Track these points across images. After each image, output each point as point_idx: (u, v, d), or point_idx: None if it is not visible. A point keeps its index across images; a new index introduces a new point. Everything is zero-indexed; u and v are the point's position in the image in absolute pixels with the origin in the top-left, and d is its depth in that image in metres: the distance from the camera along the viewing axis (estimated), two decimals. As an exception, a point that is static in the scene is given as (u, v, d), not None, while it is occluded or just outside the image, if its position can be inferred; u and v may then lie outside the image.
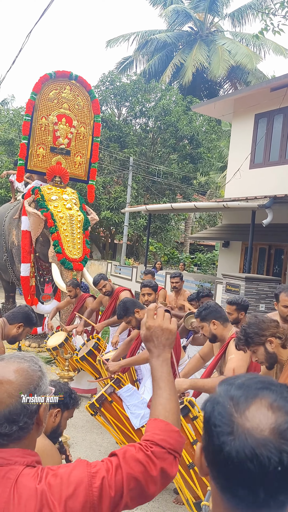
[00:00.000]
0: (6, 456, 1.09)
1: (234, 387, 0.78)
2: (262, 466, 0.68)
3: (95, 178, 7.99)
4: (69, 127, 7.51)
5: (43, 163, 7.44)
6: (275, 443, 0.69)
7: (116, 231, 20.33)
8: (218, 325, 3.14)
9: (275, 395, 0.75)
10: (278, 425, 0.71)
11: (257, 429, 0.71)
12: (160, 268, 13.24)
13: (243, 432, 0.71)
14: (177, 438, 1.15)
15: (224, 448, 0.72)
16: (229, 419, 0.74)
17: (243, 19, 25.21)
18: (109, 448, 4.43)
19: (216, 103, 11.82)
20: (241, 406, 0.74)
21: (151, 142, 20.74)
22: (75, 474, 1.06)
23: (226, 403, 0.76)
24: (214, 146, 21.32)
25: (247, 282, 7.76)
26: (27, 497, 1.02)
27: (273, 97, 10.01)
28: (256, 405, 0.74)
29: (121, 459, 1.09)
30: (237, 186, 11.07)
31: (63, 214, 6.61)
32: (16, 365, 1.16)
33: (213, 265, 20.44)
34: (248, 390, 0.76)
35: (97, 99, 7.81)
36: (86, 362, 5.15)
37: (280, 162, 10.31)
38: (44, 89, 7.39)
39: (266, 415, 0.72)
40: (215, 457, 0.73)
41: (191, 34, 25.95)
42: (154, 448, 1.10)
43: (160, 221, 19.85)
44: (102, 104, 20.13)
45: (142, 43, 25.51)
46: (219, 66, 22.84)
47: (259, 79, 23.06)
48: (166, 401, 1.20)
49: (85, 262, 6.57)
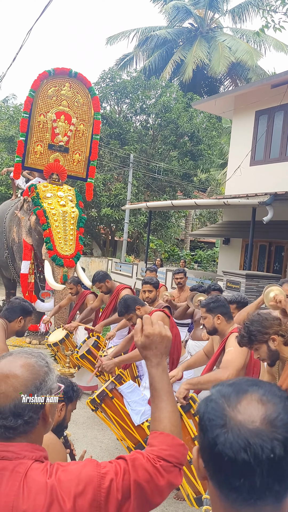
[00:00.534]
0: (16, 450, 1.10)
1: (225, 386, 0.82)
2: (255, 455, 0.71)
3: (94, 176, 7.91)
4: (68, 124, 7.45)
5: (40, 160, 7.41)
6: (267, 432, 0.73)
7: (116, 228, 20.33)
8: (222, 320, 3.15)
9: (263, 390, 0.79)
10: (268, 415, 0.74)
11: (249, 420, 0.74)
12: (161, 265, 13.25)
13: (236, 424, 0.75)
14: (183, 451, 1.18)
15: (218, 440, 0.75)
16: (221, 413, 0.77)
17: (244, 16, 25.13)
18: (110, 445, 4.46)
19: (217, 100, 11.81)
20: (233, 401, 0.78)
21: (151, 139, 20.71)
22: (85, 472, 1.07)
23: (219, 399, 0.79)
24: (215, 143, 21.30)
25: (247, 279, 7.78)
26: (36, 491, 1.03)
27: (273, 94, 10.00)
28: (247, 399, 0.78)
29: (130, 465, 1.11)
30: (237, 183, 11.07)
31: (55, 211, 6.57)
32: (23, 360, 1.18)
33: (214, 262, 20.45)
34: (238, 387, 0.81)
35: (97, 96, 7.74)
36: (86, 360, 5.17)
37: (280, 159, 10.30)
38: (43, 87, 7.34)
39: (257, 408, 0.76)
40: (211, 451, 0.76)
41: (191, 30, 25.87)
42: (162, 462, 1.13)
43: (160, 218, 19.85)
44: (103, 101, 20.09)
45: (142, 39, 25.44)
46: (220, 62, 22.78)
47: (260, 76, 23.00)
48: (170, 414, 1.22)
49: (77, 259, 6.53)
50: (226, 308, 3.22)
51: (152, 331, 1.29)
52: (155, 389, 1.26)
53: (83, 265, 15.82)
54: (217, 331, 3.19)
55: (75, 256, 6.53)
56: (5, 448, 1.10)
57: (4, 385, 1.13)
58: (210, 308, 3.19)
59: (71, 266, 6.44)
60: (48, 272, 6.62)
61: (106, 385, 3.68)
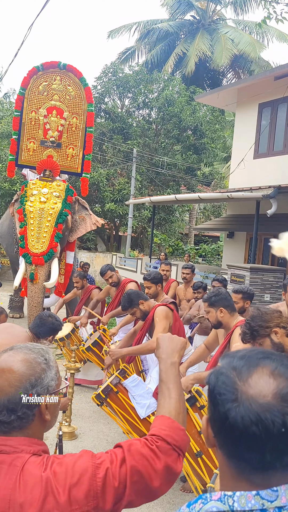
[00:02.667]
0: (13, 444, 1.12)
1: (236, 358, 0.82)
2: (267, 429, 0.72)
3: (89, 170, 7.61)
4: (60, 119, 7.29)
5: (33, 157, 7.28)
6: (278, 407, 0.73)
7: (120, 223, 20.33)
8: (225, 313, 3.16)
9: (275, 363, 0.79)
10: (280, 390, 0.75)
11: (260, 394, 0.75)
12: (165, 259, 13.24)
13: (247, 398, 0.75)
14: (183, 436, 1.18)
15: (229, 414, 0.76)
16: (233, 387, 0.77)
17: (246, 7, 24.91)
18: (116, 438, 4.49)
19: (220, 93, 11.74)
20: (244, 375, 0.78)
21: (154, 133, 20.64)
22: (79, 463, 1.09)
23: (229, 373, 0.80)
24: (218, 137, 21.20)
25: (252, 272, 7.77)
26: (32, 484, 1.05)
27: (277, 86, 9.93)
28: (258, 373, 0.78)
29: (126, 451, 1.12)
30: (241, 176, 11.02)
31: (33, 208, 6.40)
32: (22, 356, 1.19)
33: (218, 256, 20.43)
34: (249, 360, 0.80)
35: (89, 86, 7.45)
36: (92, 353, 5.22)
37: (284, 151, 10.24)
38: (33, 83, 7.18)
39: (268, 382, 0.76)
40: (222, 424, 0.77)
41: (193, 23, 25.68)
42: (159, 443, 1.13)
43: (164, 213, 19.83)
44: (105, 96, 20.03)
45: (144, 33, 25.29)
46: (222, 55, 22.62)
47: (263, 68, 22.83)
48: (174, 401, 1.24)
49: (49, 257, 6.26)
50: (228, 301, 3.22)
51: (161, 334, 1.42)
52: (163, 380, 1.29)
53: (88, 261, 15.86)
54: (222, 324, 3.19)
55: (46, 254, 6.24)
56: (3, 442, 1.12)
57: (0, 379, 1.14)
58: (212, 302, 3.20)
59: (39, 264, 6.17)
60: (20, 270, 6.51)
61: (111, 380, 3.70)
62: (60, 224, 6.43)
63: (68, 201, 6.82)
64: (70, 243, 7.51)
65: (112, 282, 5.56)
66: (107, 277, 5.53)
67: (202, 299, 3.35)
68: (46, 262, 6.17)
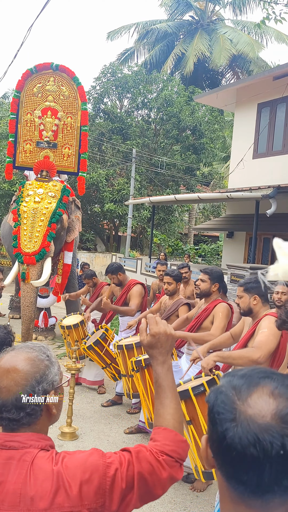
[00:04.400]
0: (22, 440, 1.15)
1: (237, 377, 0.80)
2: (265, 450, 0.70)
3: (86, 169, 7.63)
4: (55, 119, 7.32)
5: (30, 158, 7.32)
6: (277, 428, 0.71)
7: (120, 223, 20.34)
8: (258, 301, 3.12)
9: (276, 383, 0.77)
10: (279, 411, 0.73)
11: (259, 415, 0.73)
12: (165, 259, 13.26)
13: (246, 418, 0.73)
14: (185, 447, 1.22)
15: (227, 434, 0.74)
16: (231, 407, 0.76)
17: (244, 7, 24.94)
18: (117, 438, 4.50)
19: (219, 93, 11.75)
20: (243, 394, 0.76)
21: (153, 134, 20.66)
22: (91, 460, 1.12)
23: (229, 392, 0.78)
24: (217, 137, 21.23)
25: (252, 272, 7.78)
26: (43, 478, 1.07)
27: (276, 86, 9.95)
28: (258, 392, 0.76)
29: (134, 457, 1.15)
30: (240, 176, 11.04)
31: (27, 208, 6.42)
32: (24, 355, 1.22)
33: (218, 256, 20.45)
34: (250, 379, 0.79)
35: (82, 85, 7.52)
36: (93, 352, 5.26)
37: (283, 151, 10.26)
38: (28, 85, 7.25)
39: (268, 402, 0.74)
40: (219, 444, 0.75)
41: (192, 23, 25.70)
42: (164, 457, 1.17)
43: (164, 213, 19.84)
44: (104, 96, 20.04)
45: (143, 33, 25.31)
46: (221, 55, 22.64)
47: (262, 68, 22.85)
48: (174, 411, 1.26)
49: (41, 256, 6.27)
50: (265, 291, 3.17)
51: (157, 330, 1.33)
52: (160, 386, 1.29)
53: (87, 261, 15.87)
54: (252, 312, 3.15)
55: (38, 254, 6.25)
56: (12, 438, 1.15)
57: (5, 379, 1.17)
58: (248, 288, 3.16)
59: (31, 263, 6.18)
60: (13, 269, 6.55)
61: None
62: (54, 224, 6.43)
63: (64, 201, 6.81)
64: (68, 243, 7.50)
65: (113, 282, 5.60)
66: (109, 277, 5.60)
67: (238, 283, 3.30)
68: (37, 261, 6.18)
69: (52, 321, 8.46)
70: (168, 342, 1.33)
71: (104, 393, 5.80)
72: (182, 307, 4.61)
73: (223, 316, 3.77)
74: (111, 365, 5.24)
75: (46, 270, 6.27)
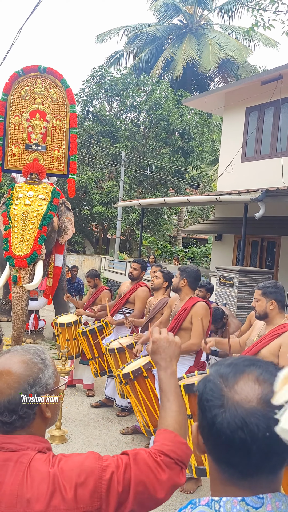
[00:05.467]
0: (19, 442, 1.15)
1: (223, 366, 0.85)
2: (252, 433, 0.75)
3: (75, 171, 7.62)
4: (43, 121, 7.30)
5: (19, 161, 7.28)
6: (262, 412, 0.76)
7: (109, 226, 20.32)
8: (275, 307, 3.09)
9: (260, 369, 0.81)
10: (264, 395, 0.77)
11: (246, 400, 0.77)
12: (154, 262, 13.29)
13: (233, 404, 0.77)
14: (185, 450, 1.21)
15: (216, 420, 0.78)
16: (219, 394, 0.80)
17: (233, 12, 25.17)
18: (107, 441, 4.49)
19: (207, 97, 11.84)
20: (230, 381, 0.80)
21: (142, 136, 20.71)
22: (87, 463, 1.11)
23: (216, 380, 0.82)
24: (206, 140, 21.36)
25: (240, 274, 7.83)
26: (39, 480, 1.08)
27: (263, 90, 10.05)
28: (244, 379, 0.80)
29: (132, 459, 1.14)
30: (229, 180, 11.12)
31: (17, 211, 6.40)
32: (18, 358, 1.22)
33: (206, 259, 20.54)
34: (236, 367, 0.83)
35: (70, 88, 7.52)
36: (85, 339, 5.36)
37: (271, 155, 10.37)
38: (15, 88, 7.21)
39: (253, 388, 0.78)
40: (209, 430, 0.79)
41: (180, 27, 25.86)
42: (162, 457, 1.16)
43: (152, 215, 19.88)
44: (93, 99, 20.05)
45: (132, 37, 25.38)
46: (209, 59, 22.81)
47: (250, 72, 23.07)
48: (175, 413, 1.26)
49: (32, 259, 6.25)
50: (282, 297, 3.15)
51: (158, 336, 1.37)
52: (163, 390, 1.31)
53: (76, 263, 15.82)
54: (267, 317, 3.12)
55: (29, 257, 6.23)
56: (9, 440, 1.15)
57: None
58: (266, 292, 3.13)
59: (22, 266, 6.16)
60: (4, 273, 6.51)
61: (143, 364, 3.80)
62: (45, 227, 6.42)
63: (54, 203, 6.80)
64: (59, 246, 7.48)
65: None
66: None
67: (257, 286, 3.26)
68: (29, 264, 6.15)
69: (41, 323, 8.41)
70: (170, 348, 1.35)
71: (93, 395, 5.79)
72: (167, 307, 4.63)
73: (203, 319, 3.77)
74: (98, 359, 5.30)
75: (38, 273, 6.25)
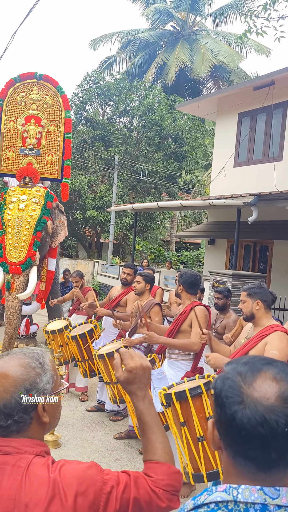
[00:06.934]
0: (17, 445, 1.14)
1: (240, 364, 0.88)
2: (271, 429, 0.78)
3: (69, 176, 7.68)
4: (38, 126, 7.37)
5: (13, 165, 7.33)
6: (281, 408, 0.80)
7: (102, 230, 20.31)
8: (260, 307, 3.10)
9: (277, 369, 0.86)
10: (282, 393, 0.81)
11: (264, 397, 0.81)
12: (147, 266, 13.29)
13: (252, 401, 0.81)
14: (179, 479, 1.21)
15: (236, 416, 0.81)
16: (238, 391, 0.83)
17: (225, 19, 25.40)
18: (100, 446, 4.47)
19: (200, 102, 11.91)
20: (248, 379, 0.84)
21: (135, 141, 20.77)
22: (89, 473, 1.10)
23: (235, 377, 0.86)
24: (198, 145, 21.47)
25: (233, 278, 7.86)
26: (38, 485, 1.06)
27: (256, 96, 10.14)
28: (261, 377, 0.84)
29: (132, 481, 1.13)
30: (222, 184, 11.19)
31: (11, 216, 6.38)
32: (16, 361, 1.20)
33: (199, 263, 20.59)
34: (253, 365, 0.87)
35: (66, 94, 7.61)
36: (75, 343, 5.33)
37: (263, 160, 10.45)
38: (11, 94, 7.31)
39: (271, 385, 0.83)
40: (228, 425, 0.83)
41: (173, 33, 26.04)
42: (161, 491, 1.16)
43: (146, 220, 19.91)
44: (86, 103, 20.09)
45: (125, 42, 25.51)
46: (202, 65, 22.98)
47: (242, 78, 23.27)
48: (162, 445, 1.25)
49: (26, 265, 6.22)
50: (267, 297, 3.16)
51: (134, 365, 1.28)
52: (145, 422, 1.26)
53: (69, 267, 15.78)
54: (254, 317, 3.13)
55: (24, 263, 6.21)
56: (7, 443, 1.14)
57: None
58: (251, 292, 3.15)
59: (17, 273, 6.13)
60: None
61: None
62: (39, 232, 6.41)
63: (48, 206, 6.80)
64: (52, 250, 7.47)
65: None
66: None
67: (242, 288, 3.30)
68: (23, 271, 6.13)
69: (33, 328, 8.37)
70: (145, 376, 1.28)
71: (87, 400, 5.77)
72: (154, 308, 4.62)
73: (201, 322, 3.79)
74: (88, 361, 5.29)
75: (32, 280, 6.22)
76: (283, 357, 2.82)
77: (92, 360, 5.25)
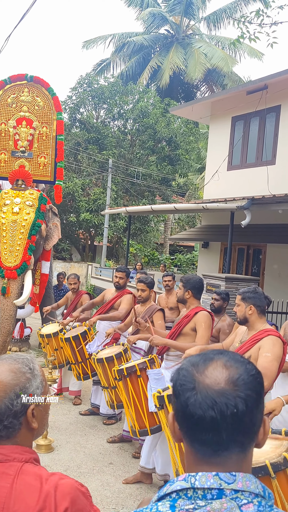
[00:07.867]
0: (5, 452, 1.13)
1: (194, 356, 0.94)
2: (221, 411, 0.82)
3: (62, 178, 7.64)
4: (30, 128, 7.34)
5: (5, 168, 7.28)
6: (230, 391, 0.84)
7: (96, 233, 20.30)
8: (254, 312, 3.11)
9: (227, 357, 0.90)
10: (231, 377, 0.86)
11: (215, 382, 0.85)
12: (141, 269, 13.28)
13: (204, 387, 0.85)
14: None
15: (189, 401, 0.85)
16: (191, 378, 0.88)
17: (219, 23, 25.54)
18: (94, 450, 4.46)
19: (194, 106, 11.96)
20: (201, 368, 0.89)
21: (129, 144, 20.80)
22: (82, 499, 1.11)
23: (189, 367, 0.91)
24: (192, 148, 21.55)
25: (227, 282, 7.88)
26: (28, 494, 1.06)
27: (249, 100, 10.20)
28: (213, 365, 0.89)
29: None
30: (215, 188, 11.23)
31: (5, 220, 6.35)
32: (6, 366, 1.20)
33: (193, 266, 20.63)
34: (205, 355, 0.92)
35: (57, 96, 7.58)
36: (68, 345, 5.33)
37: (257, 164, 10.50)
38: (1, 96, 7.26)
39: (221, 372, 0.87)
40: (183, 412, 0.86)
41: (167, 37, 26.15)
42: None
43: (139, 223, 19.93)
44: (80, 106, 20.10)
45: (119, 45, 25.56)
46: (196, 69, 23.08)
47: (235, 82, 23.40)
48: None
49: (22, 270, 6.22)
50: (261, 302, 3.18)
51: None
52: None
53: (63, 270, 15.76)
54: (247, 321, 3.15)
55: (19, 268, 6.19)
56: None
57: None
58: (245, 297, 3.17)
59: (12, 277, 6.11)
60: None
61: (138, 363, 3.84)
62: (34, 236, 6.39)
63: (42, 209, 6.78)
64: (46, 253, 7.45)
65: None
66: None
67: (238, 292, 3.33)
68: (19, 275, 6.12)
69: (27, 331, 8.34)
70: None
71: (80, 404, 5.76)
72: (157, 313, 4.63)
73: (206, 327, 3.80)
74: (81, 364, 5.28)
75: (28, 284, 6.22)
76: (276, 360, 2.84)
77: (85, 362, 5.25)
